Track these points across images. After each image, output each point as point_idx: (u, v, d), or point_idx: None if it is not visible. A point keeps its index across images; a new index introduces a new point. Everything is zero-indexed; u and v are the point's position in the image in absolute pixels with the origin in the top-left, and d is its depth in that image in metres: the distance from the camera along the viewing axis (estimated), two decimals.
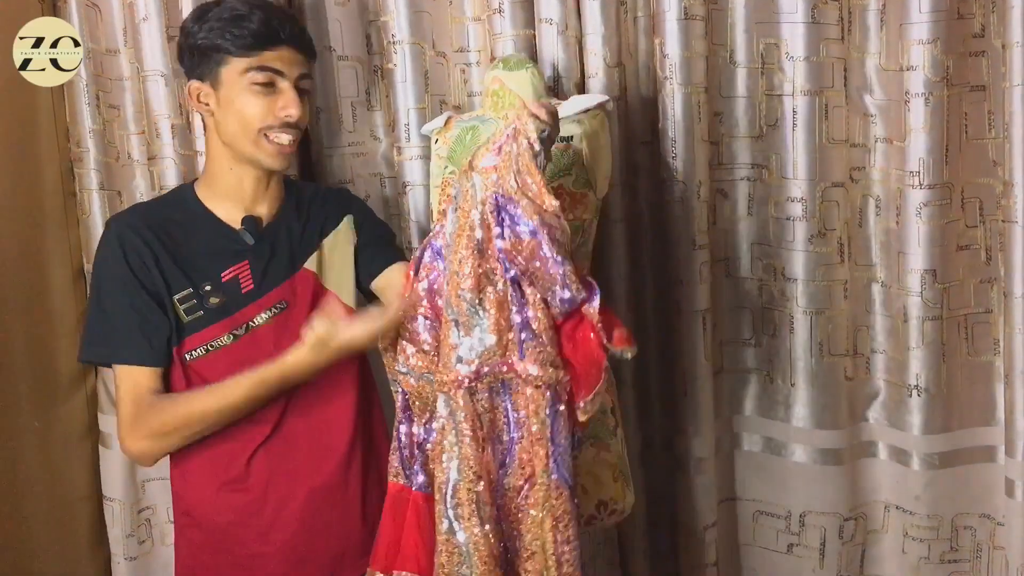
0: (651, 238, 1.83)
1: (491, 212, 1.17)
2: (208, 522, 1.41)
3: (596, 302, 1.18)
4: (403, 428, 1.33)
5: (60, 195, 1.93)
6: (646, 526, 1.91)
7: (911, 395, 1.75)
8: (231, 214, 1.41)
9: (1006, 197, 1.65)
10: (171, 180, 1.84)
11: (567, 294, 1.16)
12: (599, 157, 1.53)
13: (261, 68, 1.32)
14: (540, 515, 1.21)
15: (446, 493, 1.22)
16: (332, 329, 1.25)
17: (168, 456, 1.41)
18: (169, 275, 1.35)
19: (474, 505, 1.20)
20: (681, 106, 1.68)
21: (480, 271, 1.18)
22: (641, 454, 1.89)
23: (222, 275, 1.38)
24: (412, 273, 1.31)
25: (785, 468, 1.87)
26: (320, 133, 1.86)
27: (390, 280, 1.46)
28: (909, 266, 1.71)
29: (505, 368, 1.19)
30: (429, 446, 1.31)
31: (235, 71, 1.33)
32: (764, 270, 1.82)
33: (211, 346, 1.36)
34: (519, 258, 1.16)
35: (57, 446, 1.90)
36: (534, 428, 1.19)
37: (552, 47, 1.71)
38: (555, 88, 1.72)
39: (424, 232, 1.77)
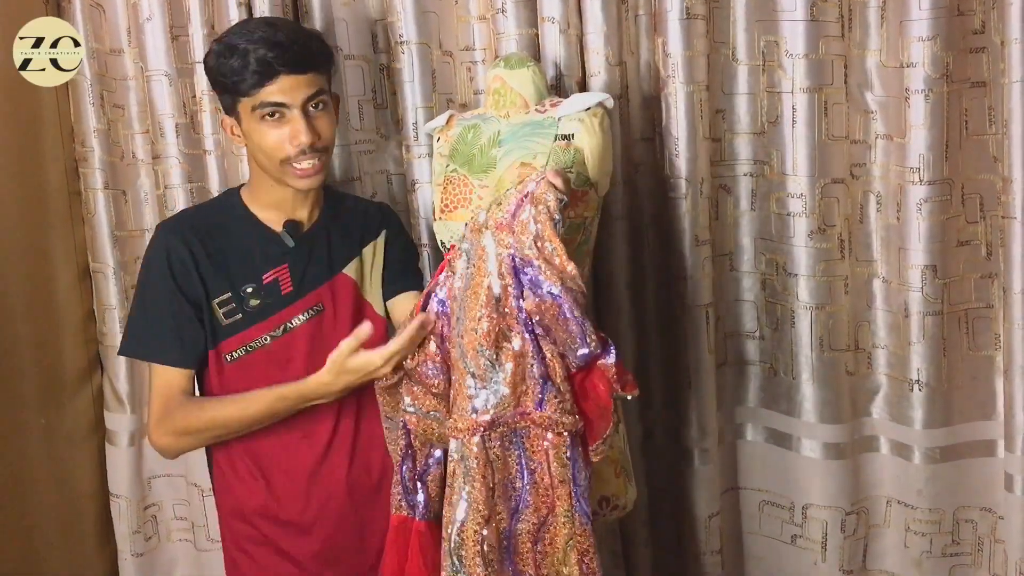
0: (654, 234, 1.84)
1: (509, 272, 1.24)
2: (251, 515, 1.48)
3: (612, 358, 1.28)
4: (405, 466, 1.38)
5: (65, 194, 1.95)
6: (648, 516, 1.92)
7: (912, 390, 1.77)
8: (274, 218, 1.46)
9: (1005, 193, 1.67)
10: (175, 179, 1.85)
11: (586, 351, 1.25)
12: (600, 155, 1.53)
13: (263, 105, 1.34)
14: (563, 552, 1.29)
15: (451, 533, 1.28)
16: (349, 354, 1.30)
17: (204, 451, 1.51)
18: (210, 280, 1.41)
19: (479, 547, 1.26)
20: (684, 104, 1.70)
21: (497, 329, 1.24)
22: (643, 445, 1.90)
23: (264, 277, 1.43)
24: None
25: (788, 460, 1.89)
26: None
27: (404, 307, 1.51)
28: (910, 262, 1.72)
29: (519, 418, 1.27)
30: (429, 476, 1.38)
31: (246, 109, 1.36)
32: (766, 265, 1.83)
33: (250, 347, 1.43)
34: (541, 318, 1.23)
35: (63, 443, 1.92)
36: (555, 470, 1.28)
37: (554, 45, 1.72)
38: (557, 86, 1.73)
39: (432, 229, 1.78)
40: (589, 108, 1.52)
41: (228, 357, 1.43)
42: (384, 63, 1.85)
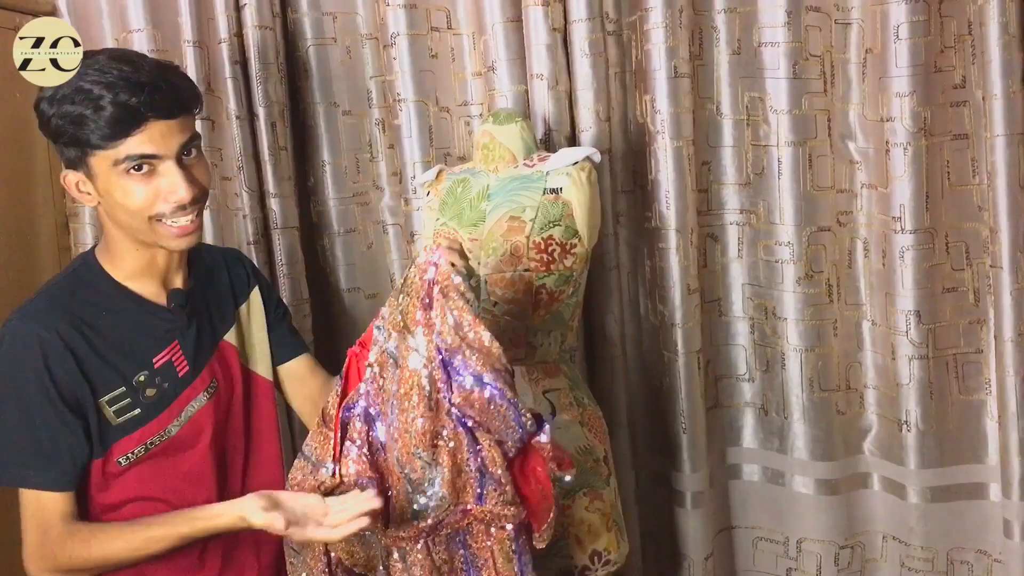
0: (646, 283, 1.89)
1: (438, 367, 1.17)
2: None
3: (546, 436, 1.20)
4: None
5: (55, 249, 1.92)
6: (643, 560, 1.96)
7: (902, 430, 1.80)
8: (149, 289, 1.23)
9: (993, 243, 1.70)
10: None
11: (520, 432, 1.19)
12: (589, 208, 1.59)
13: (128, 159, 1.12)
14: None
15: None
16: (257, 511, 1.10)
17: None
18: (95, 376, 1.17)
19: None
20: (672, 158, 1.75)
21: (432, 428, 1.17)
22: (636, 491, 1.95)
23: (154, 360, 1.21)
24: (336, 437, 1.25)
25: (781, 496, 1.93)
26: (327, 184, 1.95)
27: (298, 374, 1.39)
28: (896, 307, 1.75)
29: (460, 516, 1.20)
30: None
31: (104, 163, 1.13)
32: (755, 309, 1.87)
33: (150, 443, 1.20)
34: (470, 410, 1.17)
35: None
36: (500, 566, 1.21)
37: (543, 101, 1.78)
38: (547, 141, 1.80)
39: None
40: (577, 162, 1.58)
41: (122, 460, 1.19)
42: (379, 118, 1.92)
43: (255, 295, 1.36)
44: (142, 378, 1.19)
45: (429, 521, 1.18)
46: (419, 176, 1.80)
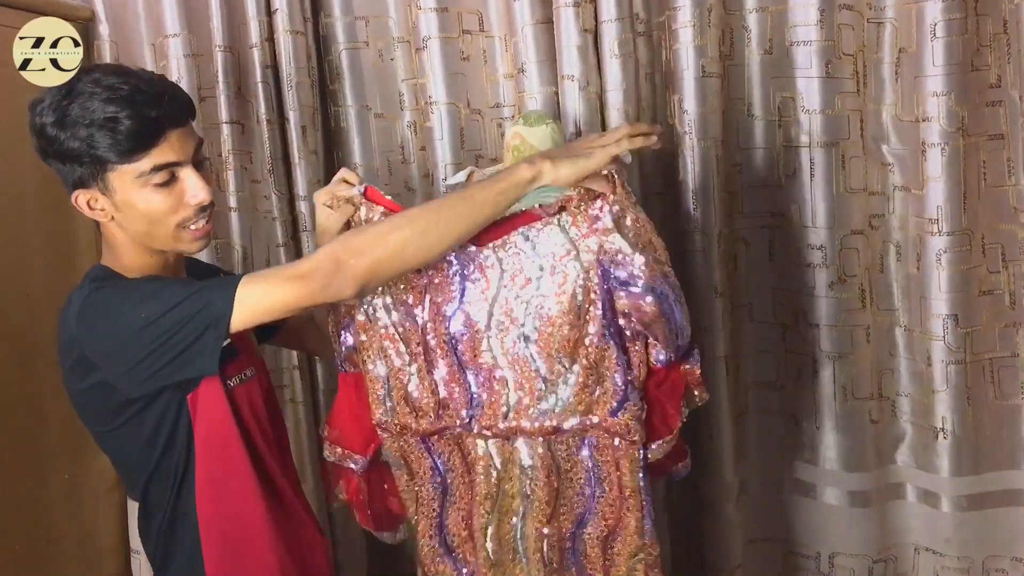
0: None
1: (597, 276, 1.24)
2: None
3: (696, 362, 1.34)
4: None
5: (95, 254, 1.89)
6: (672, 569, 1.93)
7: (937, 438, 1.77)
8: None
9: None
10: None
11: (681, 341, 1.29)
12: None
13: (156, 169, 1.15)
14: (627, 565, 1.31)
15: (515, 537, 1.33)
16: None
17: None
18: None
19: (541, 543, 1.31)
20: (700, 159, 1.74)
21: (576, 336, 1.25)
22: (665, 499, 1.92)
23: None
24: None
25: (812, 509, 1.89)
26: None
27: (292, 329, 1.45)
28: (931, 311, 1.73)
29: (587, 426, 1.28)
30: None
31: (126, 178, 1.15)
32: (786, 315, 1.85)
33: (243, 376, 1.26)
34: (638, 317, 1.25)
35: (86, 498, 1.90)
36: (626, 480, 1.28)
37: (574, 103, 1.78)
38: None
39: None
40: None
41: (230, 382, 1.23)
42: (411, 120, 1.93)
43: None
44: None
45: (553, 422, 1.27)
46: (450, 178, 1.80)
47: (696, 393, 1.36)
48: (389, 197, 1.32)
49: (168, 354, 1.11)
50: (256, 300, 1.11)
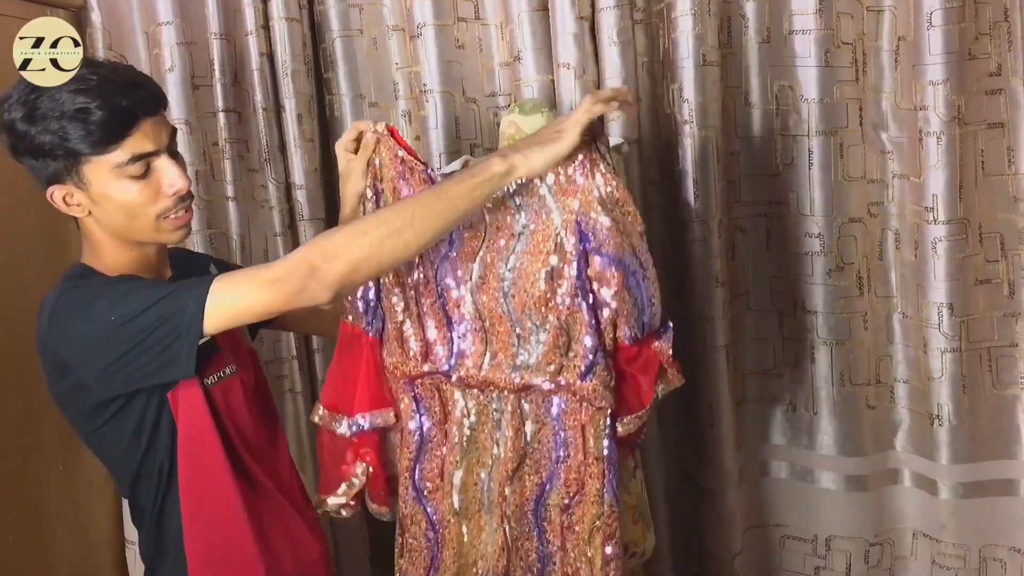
0: (672, 276, 1.87)
1: (574, 235, 1.23)
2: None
3: (667, 340, 1.31)
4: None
5: None
6: (672, 558, 1.94)
7: (934, 424, 1.77)
8: None
9: None
10: (195, 225, 1.86)
11: (646, 318, 1.27)
12: None
13: (133, 159, 1.13)
14: (588, 533, 1.30)
15: (482, 489, 1.34)
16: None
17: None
18: None
19: (503, 502, 1.32)
20: (699, 148, 1.73)
21: (549, 295, 1.25)
22: (664, 487, 1.93)
23: None
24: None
25: (809, 494, 1.90)
26: None
27: (298, 313, 1.33)
28: (927, 299, 1.73)
29: (555, 387, 1.27)
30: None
31: (101, 169, 1.13)
32: (784, 303, 1.85)
33: (220, 374, 1.23)
34: (605, 288, 1.24)
35: (81, 490, 1.90)
36: (590, 445, 1.27)
37: (570, 91, 1.77)
38: None
39: None
40: None
41: (207, 380, 1.21)
42: (406, 109, 1.92)
43: (215, 270, 1.35)
44: None
45: (526, 379, 1.27)
46: (445, 167, 1.79)
47: (669, 373, 1.34)
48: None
49: (142, 357, 1.10)
50: (229, 305, 1.10)
